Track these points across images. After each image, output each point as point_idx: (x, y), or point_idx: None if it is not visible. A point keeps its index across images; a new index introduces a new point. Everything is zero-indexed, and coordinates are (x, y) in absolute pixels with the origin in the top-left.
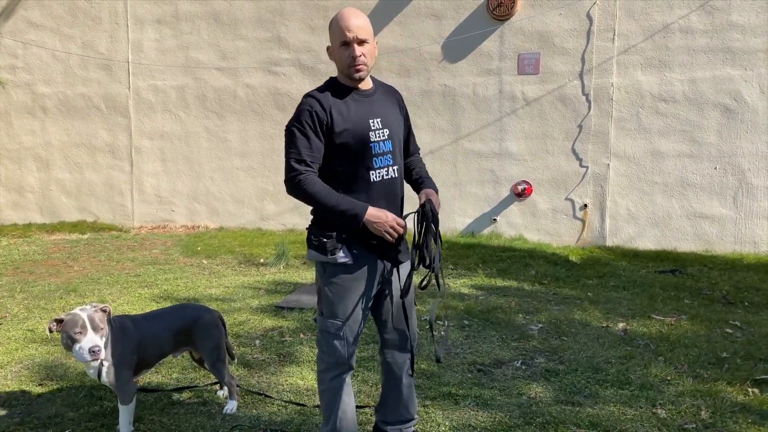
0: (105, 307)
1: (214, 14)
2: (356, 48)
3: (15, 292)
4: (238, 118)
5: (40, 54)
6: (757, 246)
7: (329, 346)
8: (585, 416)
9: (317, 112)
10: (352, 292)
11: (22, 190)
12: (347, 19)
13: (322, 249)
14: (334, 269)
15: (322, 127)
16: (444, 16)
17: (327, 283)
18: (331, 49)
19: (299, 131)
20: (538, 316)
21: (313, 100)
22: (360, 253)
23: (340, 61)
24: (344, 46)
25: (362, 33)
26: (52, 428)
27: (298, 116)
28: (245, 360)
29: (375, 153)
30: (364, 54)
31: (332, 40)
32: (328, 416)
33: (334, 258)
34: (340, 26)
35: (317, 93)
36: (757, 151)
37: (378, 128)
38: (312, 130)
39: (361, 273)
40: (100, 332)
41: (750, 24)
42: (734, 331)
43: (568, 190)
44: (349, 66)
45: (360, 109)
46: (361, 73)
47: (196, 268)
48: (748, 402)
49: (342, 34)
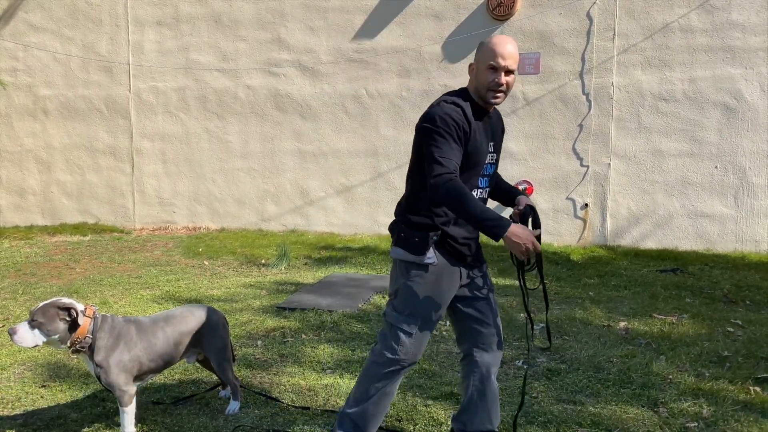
0: (67, 305)
1: (215, 16)
2: (503, 76)
3: (17, 294)
4: (238, 120)
5: (40, 56)
6: (758, 245)
7: (398, 343)
8: (587, 415)
9: (461, 121)
10: (432, 293)
11: (23, 192)
12: (503, 46)
13: (412, 248)
14: (418, 268)
15: (463, 136)
16: (444, 17)
17: (409, 280)
18: (475, 67)
19: (446, 134)
20: (539, 315)
21: (459, 109)
22: (445, 257)
23: (481, 82)
24: (491, 70)
25: (512, 64)
26: (56, 429)
27: (444, 118)
28: (247, 361)
29: (483, 174)
30: (508, 83)
31: (480, 59)
32: (359, 401)
33: (422, 258)
34: (496, 51)
35: (461, 102)
36: (758, 150)
37: (491, 152)
38: (456, 137)
39: (443, 275)
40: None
41: (750, 23)
42: (735, 329)
43: (569, 189)
44: (489, 89)
45: (484, 131)
46: (498, 100)
47: (198, 269)
48: (750, 401)
49: (494, 57)
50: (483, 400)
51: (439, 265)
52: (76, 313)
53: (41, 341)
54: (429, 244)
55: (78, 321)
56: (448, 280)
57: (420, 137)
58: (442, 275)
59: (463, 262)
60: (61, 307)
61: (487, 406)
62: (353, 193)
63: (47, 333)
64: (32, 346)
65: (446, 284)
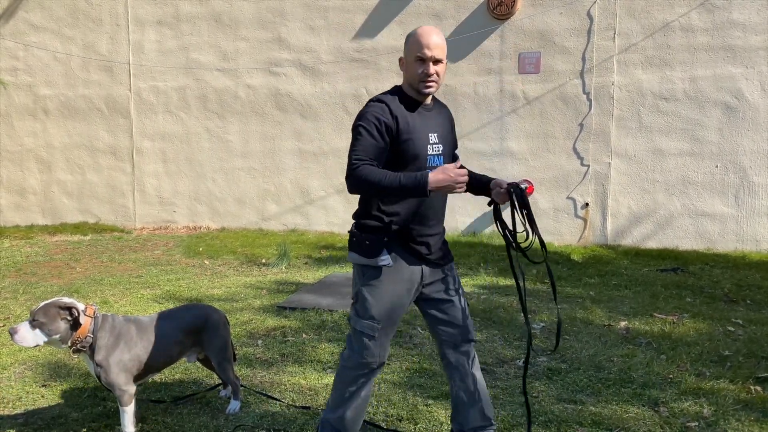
0: (68, 305)
1: (215, 15)
2: (431, 66)
3: (18, 294)
4: (239, 119)
5: (41, 56)
6: (758, 244)
7: (361, 346)
8: (587, 415)
9: (385, 116)
10: (390, 295)
11: (24, 192)
12: (428, 36)
13: (364, 251)
14: (373, 272)
15: (389, 132)
16: (444, 16)
17: (365, 285)
18: (404, 60)
19: (366, 131)
20: (540, 315)
21: (383, 105)
22: (401, 257)
23: (411, 74)
24: (419, 62)
25: (439, 53)
26: (56, 429)
27: (366, 117)
28: (248, 360)
29: (428, 166)
30: (437, 73)
31: (408, 53)
32: (337, 406)
33: (375, 261)
34: (420, 42)
35: (386, 98)
36: (759, 149)
37: (435, 143)
38: (378, 132)
39: (400, 276)
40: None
41: (751, 22)
42: (736, 329)
43: (569, 189)
44: (420, 81)
45: (422, 122)
46: (430, 90)
47: (198, 268)
48: (751, 400)
49: (420, 49)
50: (470, 398)
51: (395, 266)
52: (78, 312)
53: (42, 341)
54: (381, 246)
55: (79, 320)
56: (405, 280)
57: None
58: (398, 276)
59: (423, 261)
60: (63, 306)
61: (475, 403)
62: None
63: (48, 333)
64: (33, 346)
65: (404, 285)
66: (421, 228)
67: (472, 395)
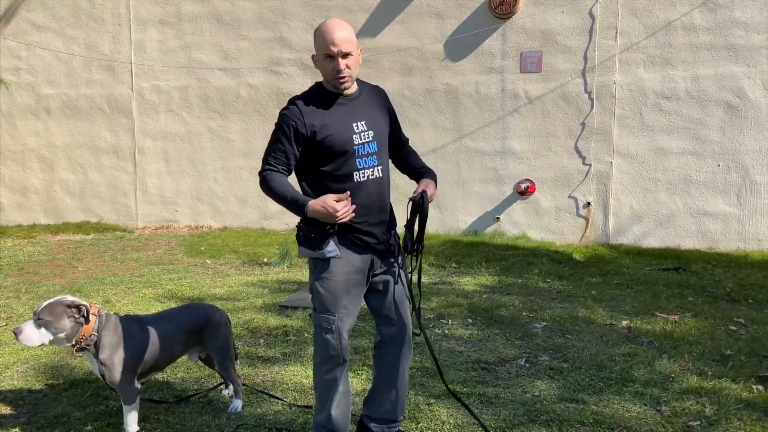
0: (75, 303)
1: (217, 14)
2: (340, 61)
3: (20, 293)
4: (240, 118)
5: (43, 55)
6: (761, 243)
7: (322, 341)
8: (589, 414)
9: (296, 120)
10: (342, 286)
11: (26, 191)
12: (331, 32)
13: (311, 244)
14: (323, 264)
15: (299, 138)
16: (446, 15)
17: (317, 279)
18: (316, 58)
19: (278, 137)
20: (541, 314)
21: (295, 110)
22: (349, 248)
23: (324, 72)
24: (329, 59)
25: (346, 46)
26: (59, 428)
27: (280, 121)
28: (250, 359)
29: (359, 155)
30: (349, 66)
31: (317, 50)
32: (322, 406)
33: (323, 253)
34: (325, 39)
35: (300, 102)
36: (761, 148)
37: (363, 130)
38: (286, 138)
39: (350, 267)
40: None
41: (753, 21)
42: (738, 328)
43: (571, 188)
44: (334, 78)
45: (344, 114)
46: (345, 84)
47: (200, 268)
48: (753, 399)
49: (326, 47)
50: (392, 392)
51: (344, 256)
52: (87, 310)
53: (47, 340)
54: (326, 237)
55: (88, 318)
56: (355, 270)
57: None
58: (348, 266)
59: (371, 251)
60: (69, 305)
61: (395, 398)
62: None
63: (54, 331)
64: (38, 345)
65: (354, 275)
66: (364, 218)
67: (391, 390)
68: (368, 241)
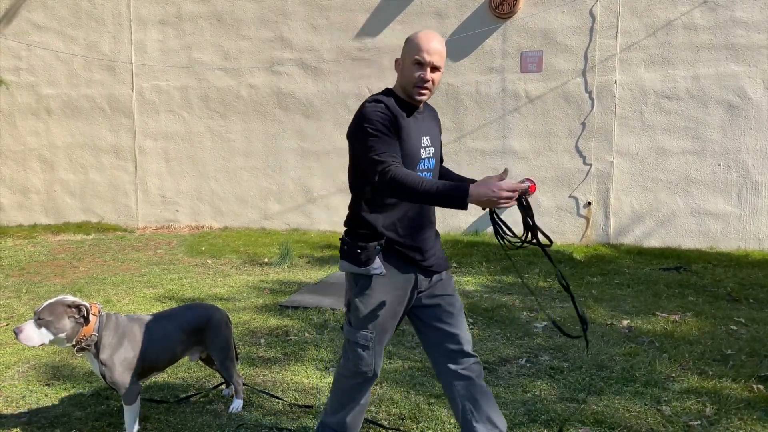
0: (76, 303)
1: (217, 14)
2: (428, 72)
3: (21, 293)
4: (241, 118)
5: (43, 55)
6: (761, 243)
7: (355, 356)
8: (589, 413)
9: (387, 115)
10: (383, 304)
11: (26, 191)
12: (429, 40)
13: (356, 260)
14: (365, 281)
15: (393, 129)
16: (446, 15)
17: (358, 295)
18: (401, 62)
19: (376, 130)
20: (542, 314)
21: (382, 105)
22: (393, 265)
23: (407, 77)
24: (417, 66)
25: (438, 59)
26: (59, 428)
27: (369, 117)
28: (250, 359)
29: (421, 169)
30: (433, 80)
31: (405, 54)
32: (336, 411)
33: (368, 269)
34: (421, 46)
35: (384, 98)
36: (762, 148)
37: (427, 145)
38: (387, 129)
39: (393, 285)
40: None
41: (753, 20)
42: (739, 328)
43: (571, 187)
44: (415, 86)
45: (416, 126)
46: (423, 96)
47: (201, 267)
48: (753, 398)
49: (420, 53)
50: (480, 409)
51: (388, 274)
52: (87, 310)
53: (48, 340)
54: (374, 254)
55: (88, 318)
56: (399, 288)
57: (352, 145)
58: (391, 284)
59: (416, 268)
60: (70, 304)
61: (484, 412)
62: None
63: (55, 331)
64: (38, 345)
65: (397, 293)
66: (412, 233)
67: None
68: (414, 258)
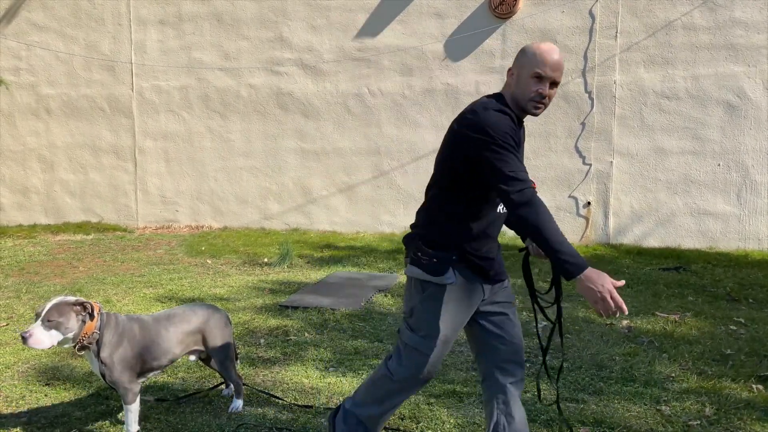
0: (80, 301)
1: (217, 15)
2: (547, 88)
3: (21, 293)
4: (241, 118)
5: (43, 55)
6: (761, 243)
7: (414, 364)
8: (589, 413)
9: (515, 130)
10: (450, 313)
11: (26, 191)
12: (552, 54)
13: (431, 269)
14: (436, 289)
15: (516, 149)
16: (446, 15)
17: (425, 301)
18: (517, 72)
19: (506, 144)
20: (540, 314)
21: (509, 118)
22: (463, 275)
23: (523, 90)
24: (536, 79)
25: (558, 76)
26: (59, 428)
27: (500, 130)
28: (250, 359)
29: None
30: (550, 96)
31: (524, 65)
32: (368, 404)
33: (441, 279)
34: (543, 59)
35: (510, 111)
36: (761, 148)
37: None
38: (515, 145)
39: (462, 294)
40: (51, 323)
41: (753, 20)
42: (738, 328)
43: (571, 187)
44: (531, 100)
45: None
46: (538, 112)
47: (201, 267)
48: (753, 398)
49: (542, 66)
50: (512, 424)
51: (458, 283)
52: (92, 307)
53: (57, 341)
54: (450, 264)
55: (93, 315)
56: (467, 298)
57: (473, 151)
58: (461, 294)
59: (484, 278)
60: (75, 303)
61: (517, 430)
62: (355, 192)
63: (65, 331)
64: (48, 347)
65: (465, 303)
66: (486, 245)
67: (516, 422)
68: (485, 268)
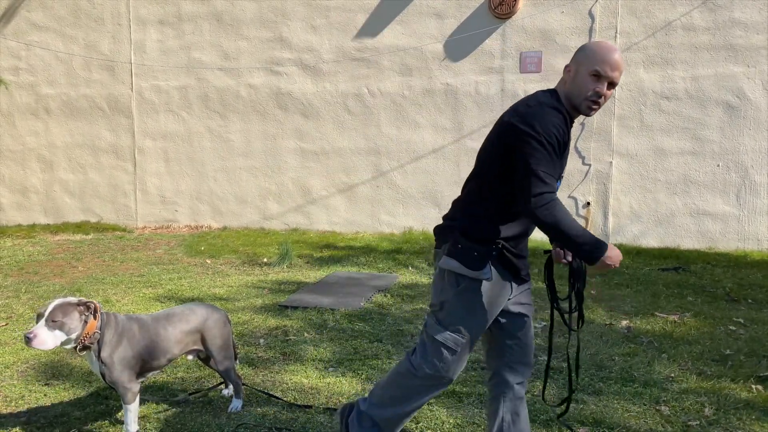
0: (83, 301)
1: (217, 14)
2: (605, 87)
3: (20, 293)
4: (240, 118)
5: (42, 55)
6: (760, 243)
7: (439, 359)
8: (589, 413)
9: (563, 134)
10: (483, 309)
11: (26, 191)
12: (612, 53)
13: (470, 262)
14: (471, 283)
15: (561, 151)
16: (446, 15)
17: (459, 294)
18: (575, 70)
19: (548, 145)
20: (541, 314)
21: (562, 118)
22: (499, 272)
23: (580, 88)
24: (594, 78)
25: (617, 76)
26: (59, 427)
27: (548, 129)
28: (250, 359)
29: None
30: (606, 97)
31: (583, 64)
32: (387, 406)
33: (479, 273)
34: (604, 58)
35: (564, 110)
36: (760, 148)
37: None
38: (558, 148)
39: (496, 291)
40: (55, 323)
41: (752, 21)
42: (737, 328)
43: (571, 188)
44: (587, 99)
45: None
46: (592, 112)
47: (200, 267)
48: (752, 399)
49: (601, 65)
50: (517, 423)
51: (494, 280)
52: (95, 307)
53: (60, 341)
54: (489, 259)
55: (97, 314)
56: (498, 296)
57: (514, 140)
58: (494, 291)
59: (514, 277)
60: (78, 303)
61: (521, 429)
62: (355, 192)
63: (68, 331)
64: (52, 348)
65: (497, 300)
66: (522, 243)
67: (521, 421)
68: (518, 267)
